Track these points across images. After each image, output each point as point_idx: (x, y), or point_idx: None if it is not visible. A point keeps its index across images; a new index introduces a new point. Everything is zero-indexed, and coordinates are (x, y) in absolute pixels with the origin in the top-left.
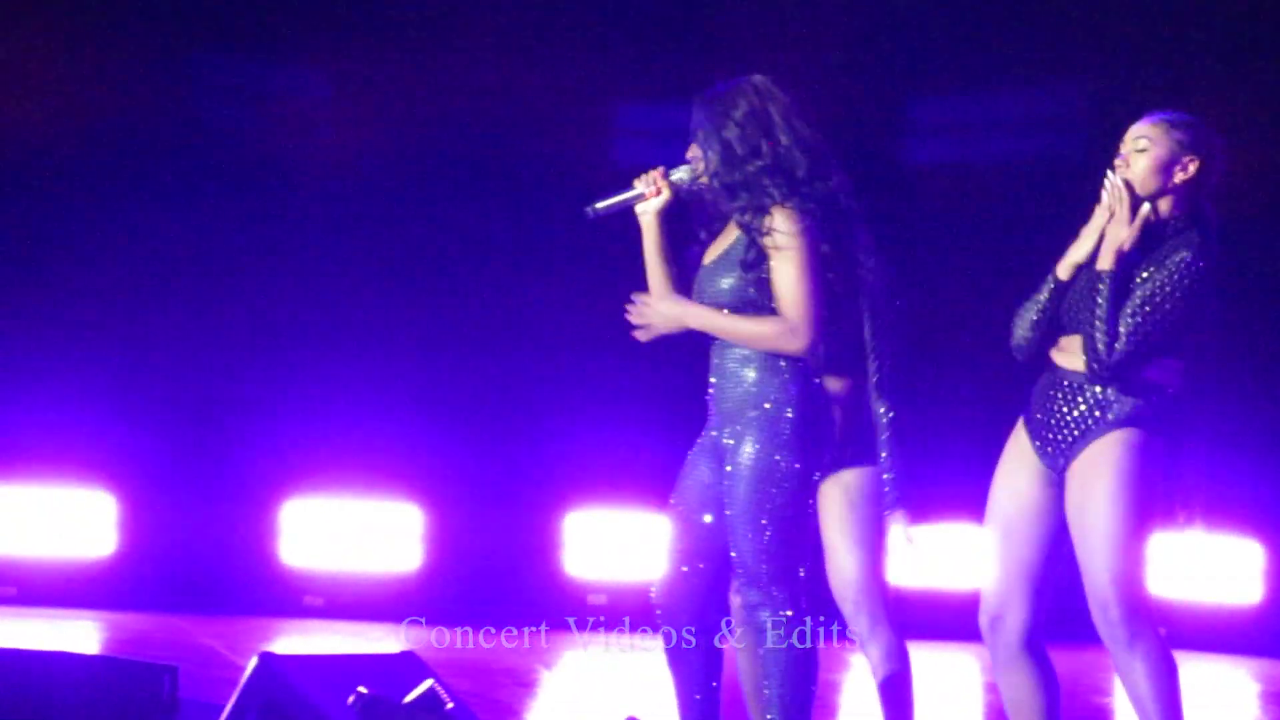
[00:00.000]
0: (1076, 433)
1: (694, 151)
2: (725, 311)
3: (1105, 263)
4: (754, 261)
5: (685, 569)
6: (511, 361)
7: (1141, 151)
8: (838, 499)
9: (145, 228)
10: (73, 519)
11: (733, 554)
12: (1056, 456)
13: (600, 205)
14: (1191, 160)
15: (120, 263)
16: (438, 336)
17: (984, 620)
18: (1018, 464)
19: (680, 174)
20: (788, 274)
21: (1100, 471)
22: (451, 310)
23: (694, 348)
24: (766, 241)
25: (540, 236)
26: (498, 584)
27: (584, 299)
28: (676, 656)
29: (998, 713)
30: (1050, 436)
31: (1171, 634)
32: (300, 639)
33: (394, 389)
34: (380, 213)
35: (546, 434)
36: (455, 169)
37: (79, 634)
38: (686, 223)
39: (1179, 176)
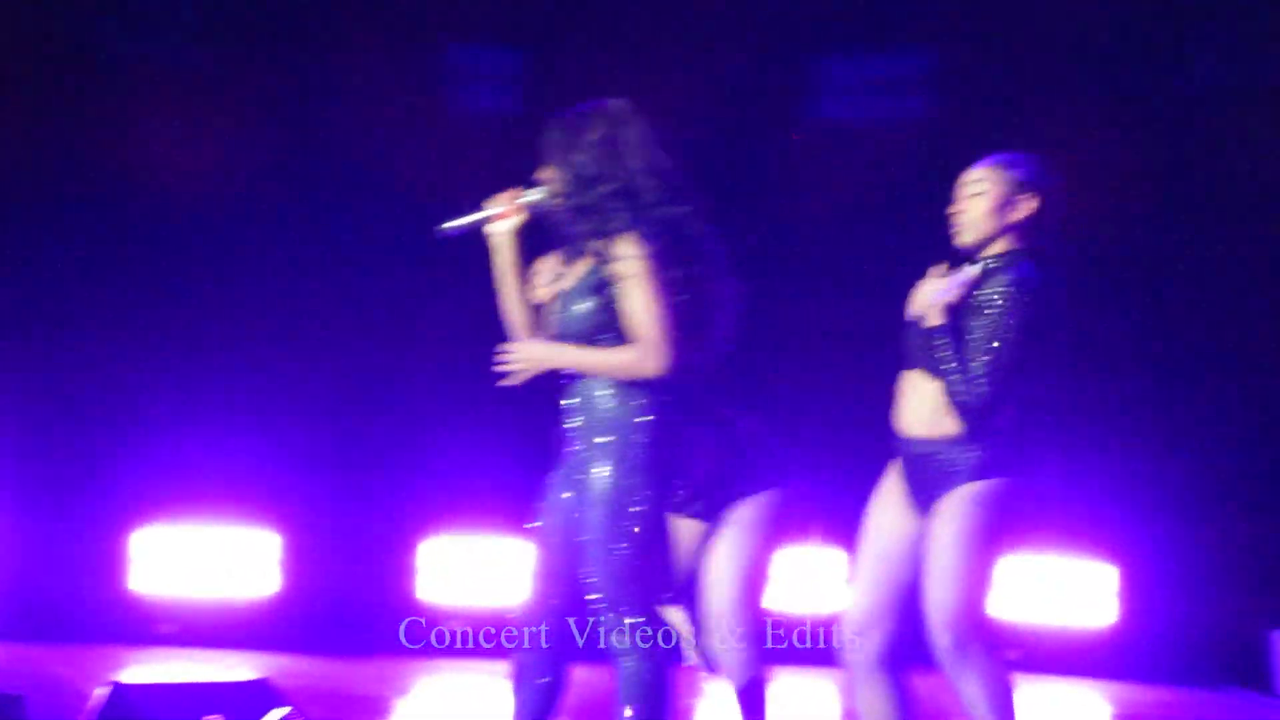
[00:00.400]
0: (932, 489)
1: (546, 173)
2: (578, 346)
3: (935, 319)
4: (601, 286)
5: (547, 593)
6: (369, 388)
7: (977, 195)
8: (727, 530)
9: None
10: None
11: (588, 579)
12: (922, 502)
13: (452, 225)
14: (1028, 199)
15: None
16: (295, 363)
17: (845, 635)
18: (894, 496)
19: (532, 196)
20: (636, 299)
21: (946, 523)
22: (309, 336)
23: (550, 372)
24: (614, 268)
25: (400, 261)
26: (354, 610)
27: (443, 324)
28: (521, 687)
29: None
30: (913, 488)
31: (1027, 657)
32: (152, 667)
33: (250, 414)
34: (233, 235)
35: (403, 460)
36: (310, 189)
37: None
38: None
39: (1015, 216)
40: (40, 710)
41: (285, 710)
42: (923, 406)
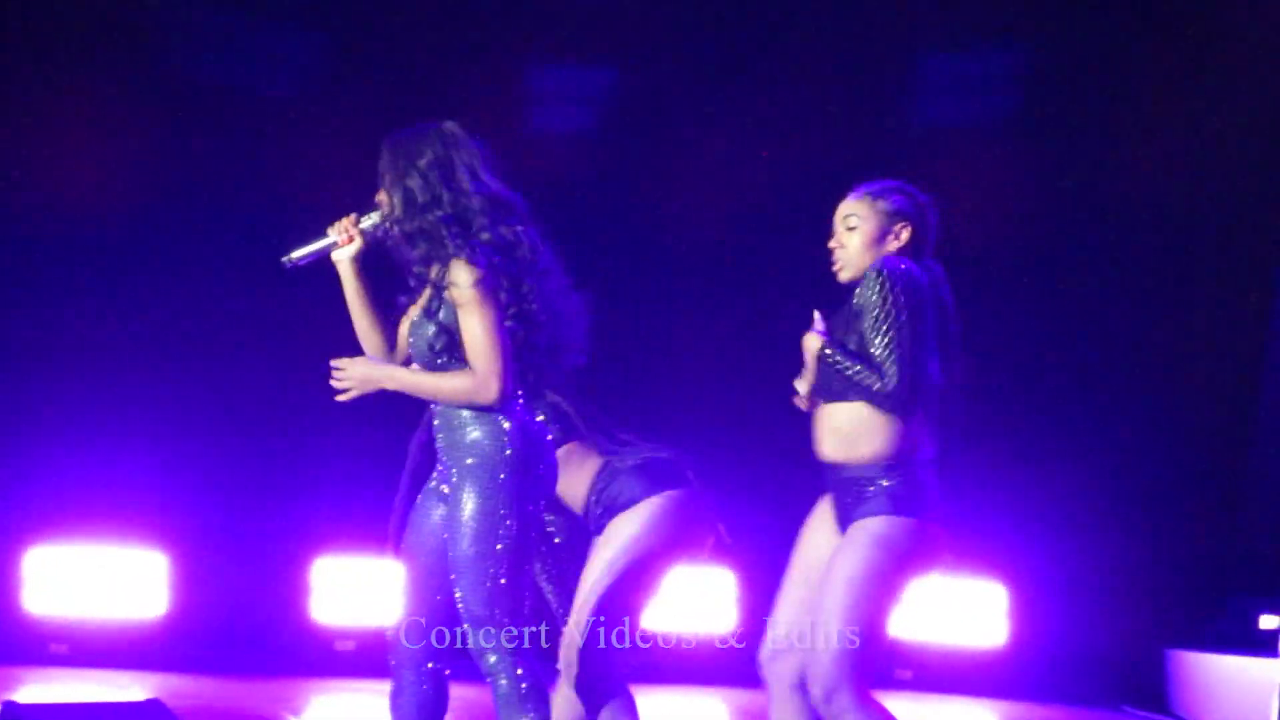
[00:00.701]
0: (850, 512)
1: (382, 196)
2: (415, 368)
3: (818, 345)
4: (436, 311)
5: (416, 615)
6: (259, 407)
7: (852, 230)
8: (600, 552)
9: None
10: None
11: (459, 601)
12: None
13: (296, 255)
14: (903, 227)
15: None
16: (184, 382)
17: (765, 652)
18: (825, 521)
19: (370, 220)
20: (470, 326)
21: (844, 557)
22: (198, 355)
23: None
24: (449, 294)
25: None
26: (244, 630)
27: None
28: (398, 705)
29: None
30: (839, 512)
31: (918, 676)
32: (44, 687)
33: (138, 434)
34: (127, 249)
35: (294, 479)
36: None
37: None
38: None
39: (893, 245)
40: None
41: None
42: (837, 433)
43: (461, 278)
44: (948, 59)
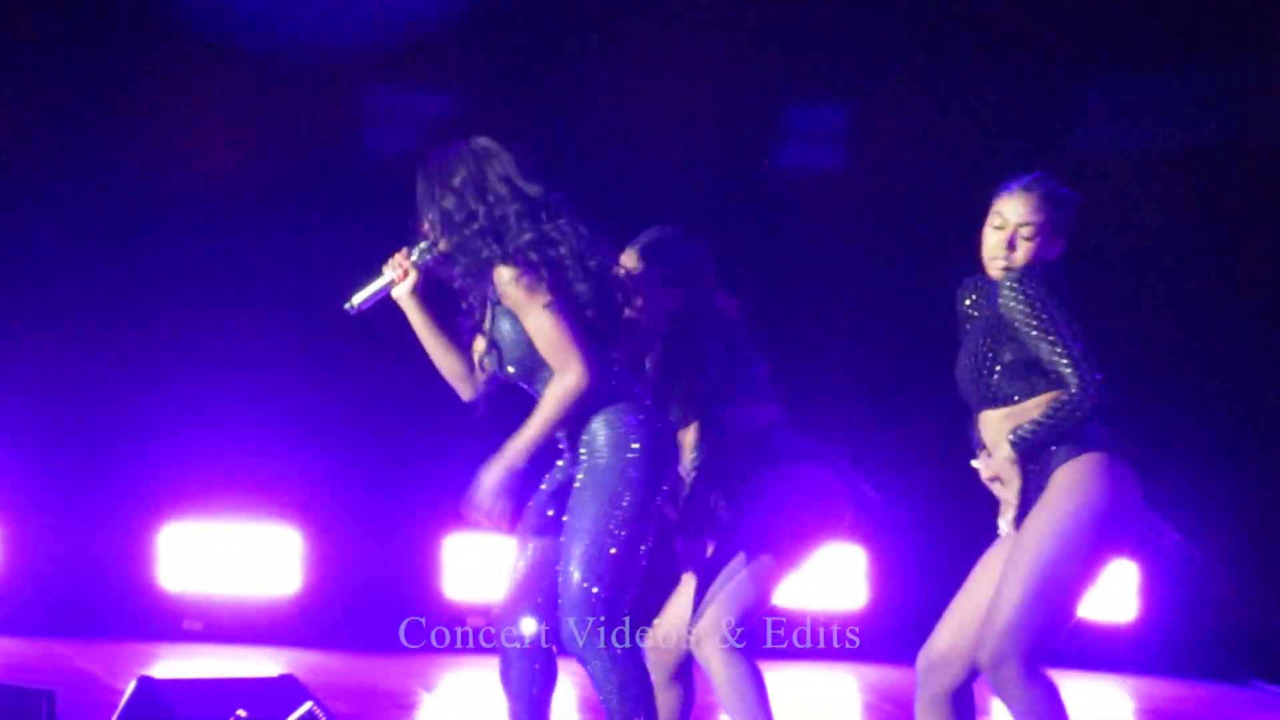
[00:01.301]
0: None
1: (424, 225)
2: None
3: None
4: (500, 322)
5: (527, 594)
6: (390, 382)
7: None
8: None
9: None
10: None
11: (561, 577)
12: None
13: (356, 300)
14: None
15: None
16: (318, 358)
17: (924, 662)
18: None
19: (420, 251)
20: (532, 323)
21: (1028, 522)
22: (333, 332)
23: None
24: (506, 303)
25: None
26: (378, 606)
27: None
28: (509, 680)
29: None
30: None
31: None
32: (179, 663)
33: (272, 411)
34: (255, 234)
35: (428, 457)
36: (340, 186)
37: None
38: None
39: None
40: (69, 706)
41: (309, 705)
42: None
43: (504, 281)
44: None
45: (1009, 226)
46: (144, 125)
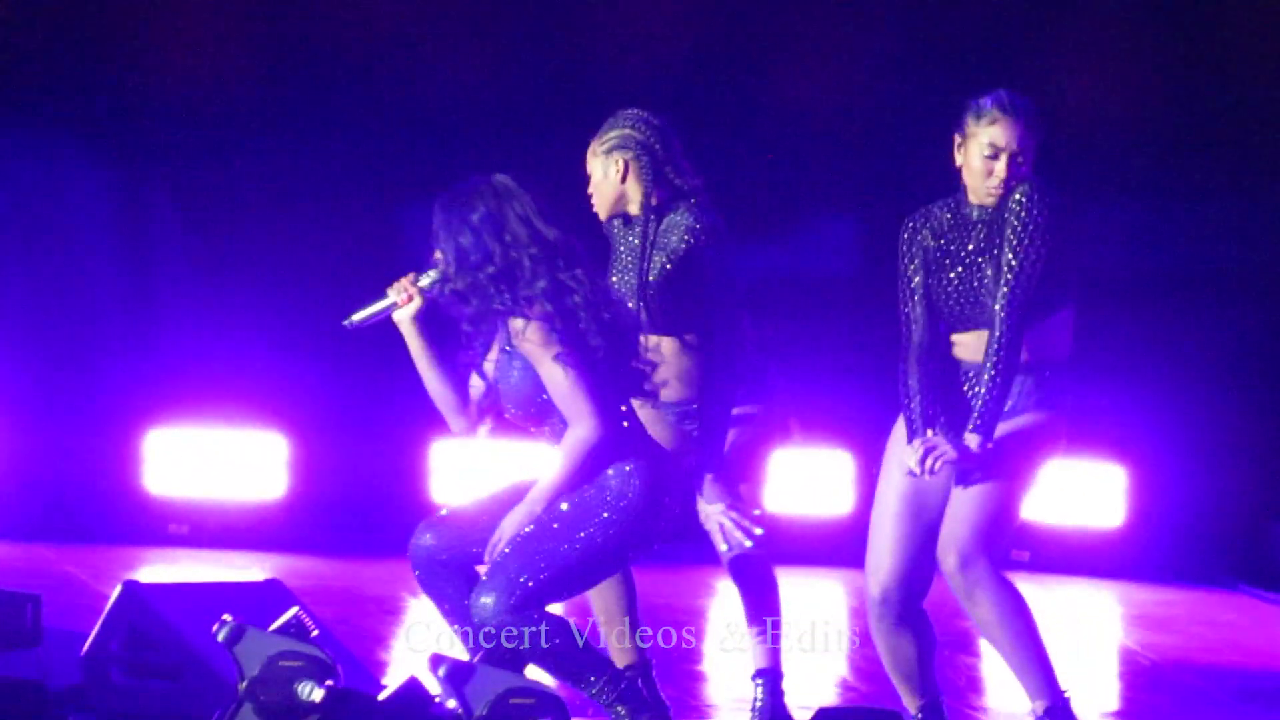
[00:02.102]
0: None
1: (438, 255)
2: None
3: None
4: (518, 367)
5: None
6: (378, 287)
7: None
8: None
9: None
10: None
11: (499, 550)
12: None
13: (358, 317)
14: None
15: None
16: (304, 264)
17: (875, 592)
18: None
19: (428, 279)
20: (550, 376)
21: (996, 451)
22: (317, 238)
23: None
24: (523, 350)
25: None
26: (364, 511)
27: None
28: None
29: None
30: (951, 420)
31: (1036, 557)
32: (165, 567)
33: (259, 317)
34: (247, 139)
35: (410, 362)
36: (327, 97)
37: None
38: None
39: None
40: (54, 609)
41: (295, 610)
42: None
43: (517, 330)
44: None
45: (1007, 153)
46: (126, 30)
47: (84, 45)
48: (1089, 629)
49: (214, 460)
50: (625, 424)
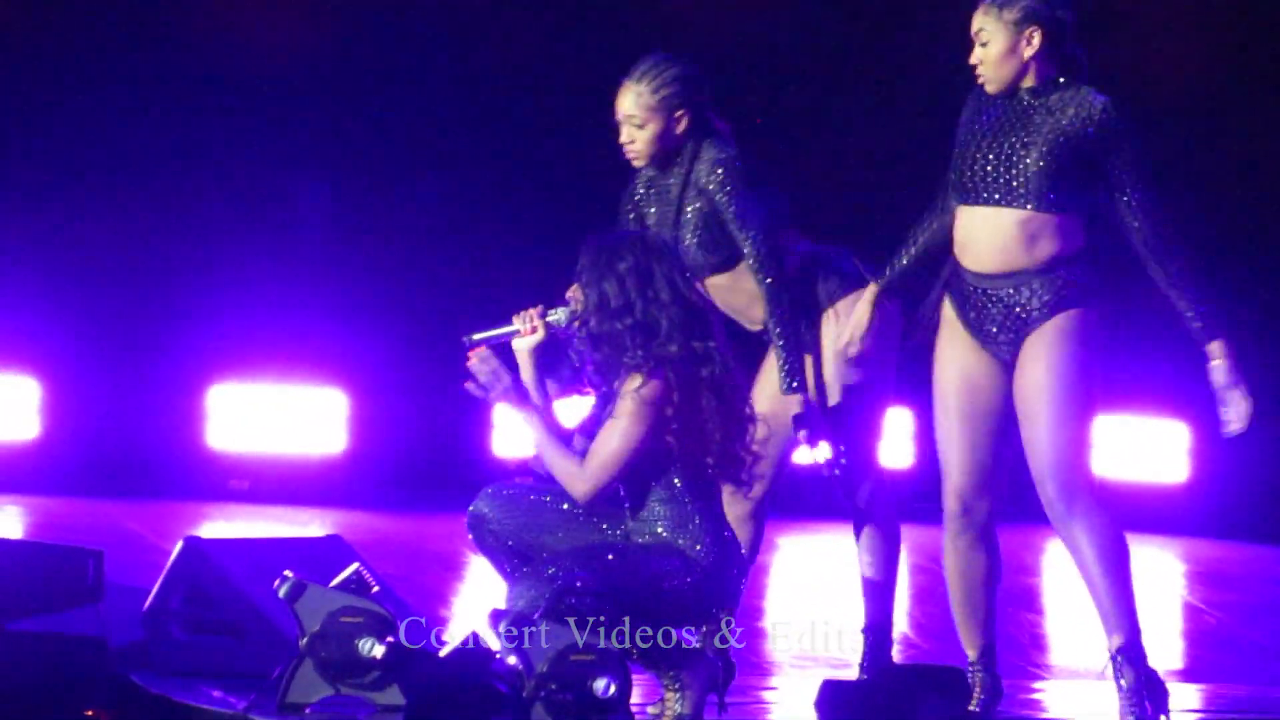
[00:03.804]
0: (1011, 329)
1: (574, 292)
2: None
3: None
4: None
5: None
6: (435, 243)
7: (984, 46)
8: None
9: (65, 118)
10: None
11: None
12: (1001, 347)
13: (477, 336)
14: (1033, 31)
15: (39, 146)
16: (364, 221)
17: (954, 505)
18: (963, 351)
19: (556, 316)
20: (612, 430)
21: (1040, 358)
22: (378, 196)
23: None
24: (621, 396)
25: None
26: (424, 467)
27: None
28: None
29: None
30: (988, 331)
31: None
32: (226, 523)
33: (319, 274)
34: (309, 101)
35: (471, 314)
36: (385, 58)
37: (3, 518)
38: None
39: (1027, 51)
40: (117, 565)
41: (356, 565)
42: (994, 240)
43: (632, 388)
44: None
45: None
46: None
47: None
48: (1152, 586)
49: (275, 416)
50: (718, 514)
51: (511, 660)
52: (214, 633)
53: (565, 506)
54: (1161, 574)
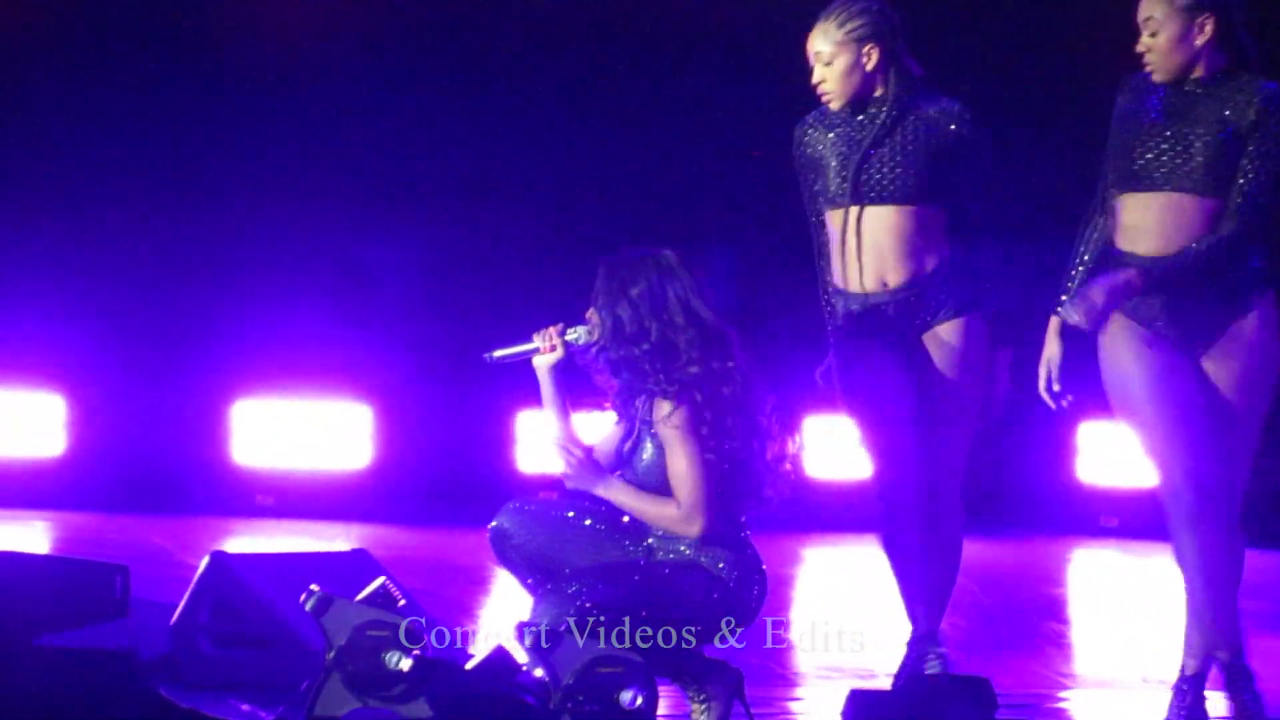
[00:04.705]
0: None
1: (591, 314)
2: (629, 488)
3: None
4: (642, 447)
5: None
6: (460, 257)
7: (1154, 35)
8: None
9: (93, 132)
10: (23, 420)
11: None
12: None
13: (498, 354)
14: (1205, 19)
15: (67, 162)
16: (388, 236)
17: (1195, 501)
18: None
19: (575, 334)
20: (675, 462)
21: (1238, 362)
22: (404, 210)
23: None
24: (662, 433)
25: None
26: (450, 481)
27: (552, 214)
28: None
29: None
30: (1178, 321)
31: (1124, 523)
32: (252, 538)
33: (343, 290)
34: (325, 109)
35: (497, 330)
36: (413, 63)
37: (30, 534)
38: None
39: (1200, 40)
40: (143, 580)
41: (382, 579)
42: (1175, 224)
43: (665, 415)
44: None
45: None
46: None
47: None
48: (1177, 594)
49: (300, 431)
50: (740, 530)
51: (538, 672)
52: (242, 646)
53: (588, 523)
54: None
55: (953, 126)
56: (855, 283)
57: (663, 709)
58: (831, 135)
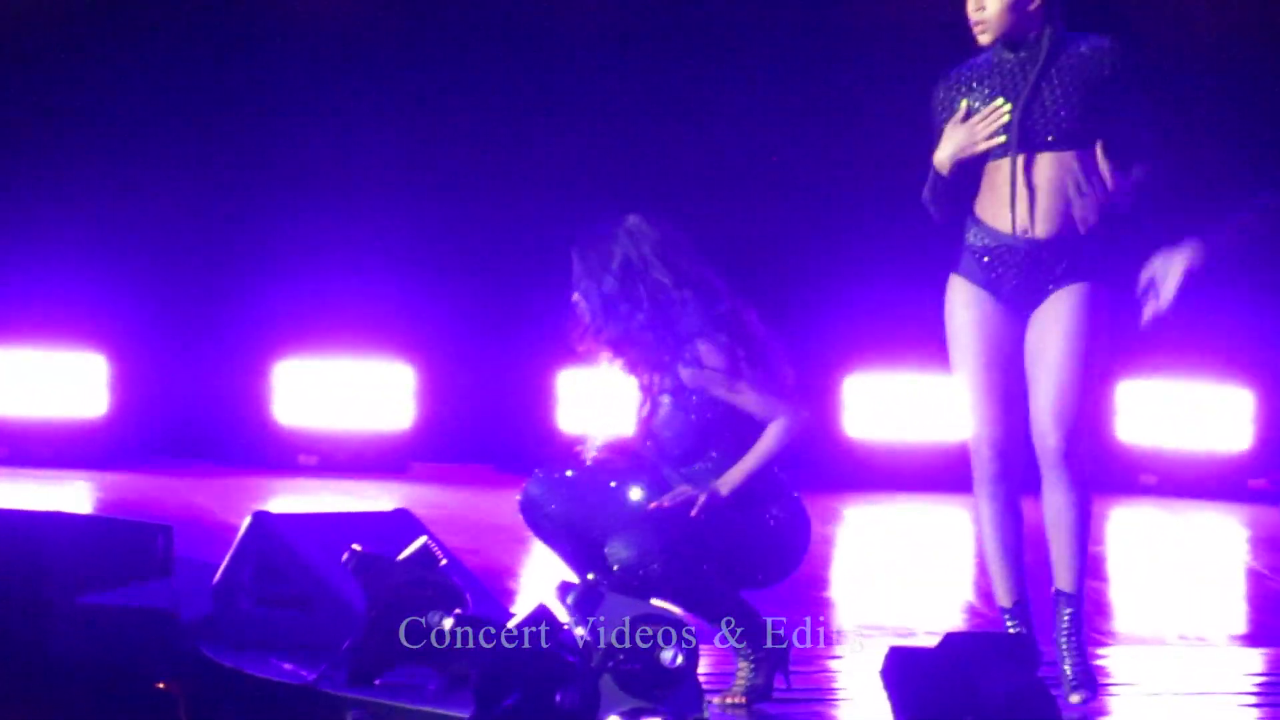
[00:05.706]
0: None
1: (578, 298)
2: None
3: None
4: (692, 409)
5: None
6: (503, 216)
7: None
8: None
9: (132, 84)
10: (65, 380)
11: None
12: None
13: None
14: None
15: (108, 122)
16: (431, 195)
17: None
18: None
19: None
20: (746, 398)
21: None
22: (445, 170)
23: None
24: (704, 384)
25: (538, 96)
26: (492, 440)
27: (583, 163)
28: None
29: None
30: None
31: (1162, 481)
32: (294, 497)
33: (386, 248)
34: (373, 70)
35: (541, 289)
36: (454, 26)
37: (72, 494)
38: None
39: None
40: (186, 540)
41: (424, 539)
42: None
43: (701, 367)
44: None
45: None
46: None
47: None
48: (1215, 552)
49: (342, 390)
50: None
51: (579, 631)
52: (283, 606)
53: (614, 484)
54: (1224, 540)
55: (1106, 63)
56: (1005, 223)
57: (703, 668)
58: (985, 88)
